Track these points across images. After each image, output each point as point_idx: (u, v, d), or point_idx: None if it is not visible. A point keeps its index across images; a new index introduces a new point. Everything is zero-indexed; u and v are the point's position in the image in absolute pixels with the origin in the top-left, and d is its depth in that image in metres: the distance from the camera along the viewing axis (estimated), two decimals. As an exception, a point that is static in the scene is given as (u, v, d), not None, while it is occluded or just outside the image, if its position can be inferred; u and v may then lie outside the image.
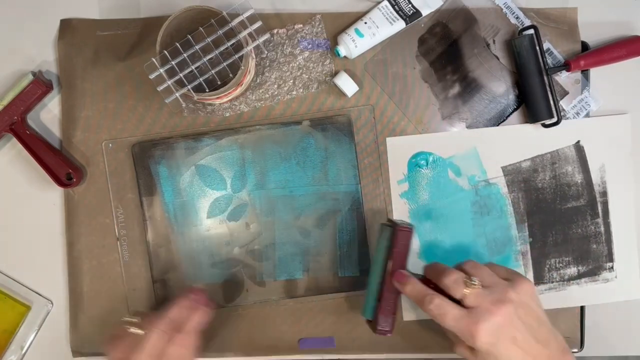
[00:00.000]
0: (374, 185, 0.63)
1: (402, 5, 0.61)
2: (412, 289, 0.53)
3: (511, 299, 0.49)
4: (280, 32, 0.63)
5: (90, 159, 0.64)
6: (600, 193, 0.63)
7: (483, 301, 0.49)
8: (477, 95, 0.63)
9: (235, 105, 0.63)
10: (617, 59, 0.61)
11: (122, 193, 0.63)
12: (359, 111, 0.63)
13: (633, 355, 0.65)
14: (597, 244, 0.63)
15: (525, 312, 0.50)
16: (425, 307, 0.51)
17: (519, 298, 0.50)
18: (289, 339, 0.63)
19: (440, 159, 0.63)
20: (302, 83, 0.63)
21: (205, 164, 0.63)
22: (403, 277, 0.54)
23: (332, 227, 0.62)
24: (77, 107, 0.63)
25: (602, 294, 0.63)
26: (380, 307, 0.55)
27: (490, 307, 0.49)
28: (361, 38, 0.60)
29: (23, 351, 0.65)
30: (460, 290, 0.51)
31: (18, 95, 0.61)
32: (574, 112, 0.63)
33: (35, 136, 0.62)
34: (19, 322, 0.65)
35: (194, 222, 0.63)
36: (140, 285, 0.64)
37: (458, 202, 0.63)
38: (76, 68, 0.63)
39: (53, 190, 0.64)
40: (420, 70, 0.63)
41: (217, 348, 0.64)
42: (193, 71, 0.56)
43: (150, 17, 0.63)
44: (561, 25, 0.63)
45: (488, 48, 0.63)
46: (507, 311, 0.48)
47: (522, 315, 0.49)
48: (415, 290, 0.53)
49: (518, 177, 0.63)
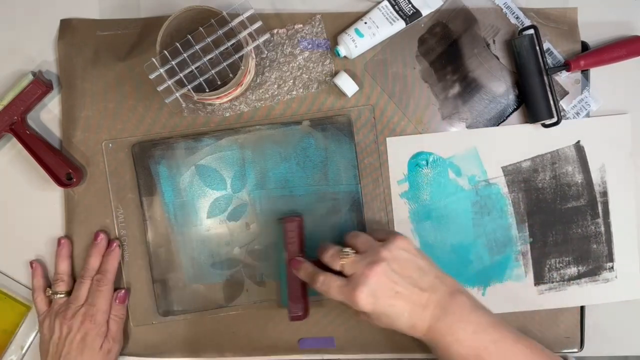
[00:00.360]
0: (374, 185, 0.63)
1: (402, 5, 0.61)
2: (304, 273, 0.56)
3: (383, 257, 0.51)
4: (280, 32, 0.63)
5: (90, 159, 0.64)
6: (601, 193, 0.63)
7: (358, 267, 0.51)
8: (477, 95, 0.63)
9: (235, 105, 0.63)
10: (617, 59, 0.61)
11: (122, 193, 0.63)
12: (359, 111, 0.63)
13: (633, 355, 0.65)
14: (598, 244, 0.63)
15: (402, 266, 0.51)
16: (315, 286, 0.54)
17: (391, 254, 0.51)
18: (288, 338, 0.63)
19: (441, 159, 0.63)
20: (302, 83, 0.63)
21: (205, 164, 0.63)
22: (296, 263, 0.57)
23: (332, 227, 0.62)
24: (77, 107, 0.63)
25: (602, 294, 0.63)
26: (289, 294, 0.58)
27: (364, 271, 0.51)
28: (361, 38, 0.60)
29: (23, 351, 0.65)
30: (337, 262, 0.53)
31: (18, 95, 0.61)
32: (574, 112, 0.63)
33: (35, 136, 0.62)
34: (19, 322, 0.65)
35: (194, 222, 0.63)
36: (140, 285, 0.64)
37: (458, 202, 0.63)
38: (76, 68, 0.63)
39: (53, 190, 0.64)
40: (420, 70, 0.63)
41: (217, 348, 0.64)
42: (193, 71, 0.56)
43: (150, 17, 0.63)
44: (561, 25, 0.63)
45: (488, 48, 0.63)
46: (380, 270, 0.50)
47: (399, 270, 0.51)
48: (307, 272, 0.56)
49: (518, 177, 0.63)
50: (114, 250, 0.62)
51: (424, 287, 0.51)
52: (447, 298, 0.51)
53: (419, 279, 0.51)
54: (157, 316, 0.63)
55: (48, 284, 0.63)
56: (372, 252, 0.52)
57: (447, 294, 0.51)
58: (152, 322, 0.64)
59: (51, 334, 0.59)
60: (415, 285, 0.51)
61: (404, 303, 0.50)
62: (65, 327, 0.59)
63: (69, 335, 0.58)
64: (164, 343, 0.64)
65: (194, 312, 0.63)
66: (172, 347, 0.64)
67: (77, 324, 0.59)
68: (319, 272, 0.54)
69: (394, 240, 0.53)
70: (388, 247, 0.52)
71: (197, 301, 0.63)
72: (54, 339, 0.59)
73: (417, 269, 0.52)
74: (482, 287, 0.63)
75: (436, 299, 0.51)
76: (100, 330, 0.59)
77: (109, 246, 0.63)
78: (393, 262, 0.51)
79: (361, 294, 0.50)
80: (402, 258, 0.52)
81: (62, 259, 0.63)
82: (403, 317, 0.51)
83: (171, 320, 0.64)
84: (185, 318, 0.64)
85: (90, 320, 0.59)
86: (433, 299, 0.51)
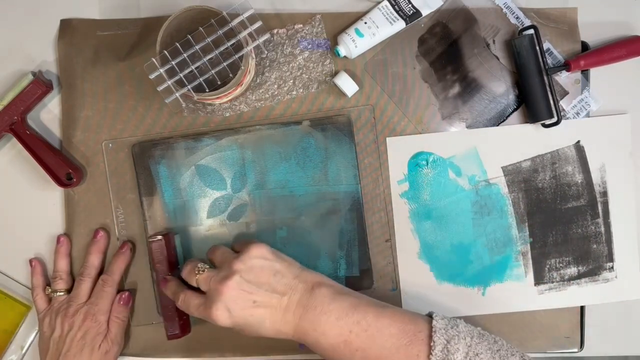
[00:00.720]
0: (374, 185, 0.63)
1: (402, 5, 0.61)
2: (170, 292, 0.57)
3: (236, 269, 0.51)
4: (280, 32, 0.63)
5: (90, 159, 0.64)
6: (601, 193, 0.63)
7: (212, 282, 0.51)
8: (477, 95, 0.63)
9: (235, 105, 0.63)
10: (617, 59, 0.61)
11: (122, 193, 0.63)
12: (359, 111, 0.63)
13: (633, 355, 0.65)
14: (598, 244, 0.63)
15: (256, 274, 0.51)
16: (178, 305, 0.55)
17: (245, 265, 0.51)
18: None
19: (441, 159, 0.63)
20: (302, 83, 0.63)
21: (205, 164, 0.63)
22: (163, 282, 0.58)
23: (332, 227, 0.62)
24: (77, 107, 0.63)
25: (602, 294, 0.63)
26: (163, 314, 0.59)
27: (217, 287, 0.51)
28: (361, 38, 0.60)
29: (23, 351, 0.65)
30: (193, 278, 0.53)
31: (18, 95, 0.61)
32: (574, 112, 0.63)
33: (35, 136, 0.62)
34: (19, 322, 0.65)
35: (194, 222, 0.63)
36: (140, 285, 0.64)
37: (458, 202, 0.63)
38: (76, 68, 0.63)
39: (53, 190, 0.64)
40: (420, 70, 0.63)
41: (217, 348, 0.64)
42: (193, 71, 0.56)
43: (150, 17, 0.63)
44: (561, 25, 0.63)
45: (488, 48, 0.63)
46: (232, 283, 0.50)
47: (253, 279, 0.51)
48: (171, 291, 0.56)
49: (518, 177, 0.63)
50: (124, 253, 0.62)
51: (282, 291, 0.51)
52: (307, 295, 0.51)
53: (276, 284, 0.51)
54: (157, 316, 0.63)
55: (47, 283, 0.63)
56: (226, 265, 0.52)
57: (306, 291, 0.51)
58: (152, 322, 0.64)
59: (52, 331, 0.59)
60: (273, 291, 0.51)
61: (263, 310, 0.50)
62: (67, 325, 0.59)
63: (70, 333, 0.58)
64: (164, 343, 0.64)
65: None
66: (172, 347, 0.64)
67: (78, 322, 0.59)
68: (180, 290, 0.55)
69: (248, 250, 0.52)
70: (241, 259, 0.52)
71: (197, 301, 0.63)
72: (55, 336, 0.59)
73: (274, 274, 0.52)
74: (482, 287, 0.63)
75: (296, 298, 0.51)
76: (100, 329, 0.59)
77: (121, 248, 0.63)
78: (247, 273, 0.51)
79: (216, 311, 0.50)
80: (256, 266, 0.51)
81: (61, 256, 0.63)
82: (265, 325, 0.51)
83: (171, 320, 0.64)
84: (185, 318, 0.64)
85: (91, 318, 0.59)
86: (293, 300, 0.51)
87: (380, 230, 0.63)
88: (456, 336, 0.47)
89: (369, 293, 0.63)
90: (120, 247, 0.63)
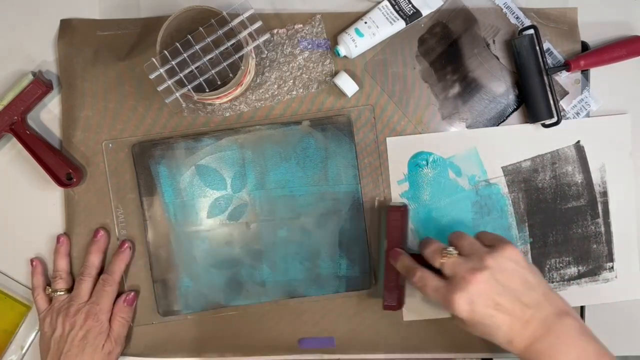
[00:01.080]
0: (374, 185, 0.63)
1: (402, 5, 0.61)
2: (401, 265, 0.56)
3: (488, 265, 0.49)
4: (280, 32, 0.63)
5: (90, 159, 0.64)
6: (601, 193, 0.63)
7: (459, 270, 0.50)
8: (477, 95, 0.63)
9: (235, 105, 0.63)
10: (617, 59, 0.61)
11: (122, 193, 0.63)
12: (359, 111, 0.63)
13: (633, 355, 0.65)
14: (598, 244, 0.63)
15: (507, 277, 0.49)
16: (410, 280, 0.53)
17: (497, 263, 0.49)
18: (288, 338, 0.63)
19: (441, 159, 0.63)
20: (302, 83, 0.63)
21: (206, 164, 0.63)
22: (395, 254, 0.57)
23: (332, 227, 0.62)
24: (77, 107, 0.63)
25: (602, 294, 0.63)
26: (385, 284, 0.58)
27: (465, 275, 0.49)
28: (361, 38, 0.60)
29: (23, 351, 0.65)
30: (438, 259, 0.52)
31: (18, 95, 0.61)
32: (574, 112, 0.63)
33: (35, 136, 0.62)
34: (19, 322, 0.65)
35: (194, 222, 0.63)
36: (140, 285, 0.64)
37: (458, 202, 0.63)
38: (76, 68, 0.63)
39: (53, 190, 0.64)
40: (420, 70, 0.63)
41: (217, 348, 0.64)
42: (193, 71, 0.56)
43: (150, 17, 0.63)
44: (561, 25, 0.63)
45: (488, 48, 0.63)
46: (482, 278, 0.48)
47: (503, 280, 0.49)
48: (404, 265, 0.55)
49: (518, 177, 0.63)
50: (124, 252, 0.62)
51: (528, 303, 0.48)
52: (553, 319, 0.48)
53: (524, 294, 0.49)
54: (157, 316, 0.63)
55: (48, 283, 0.63)
56: (477, 257, 0.50)
57: (553, 315, 0.48)
58: (152, 322, 0.64)
59: (53, 331, 0.59)
60: (519, 300, 0.48)
61: (504, 316, 0.48)
62: (68, 324, 0.59)
63: (71, 332, 0.58)
64: (164, 343, 0.64)
65: (194, 312, 0.63)
66: (172, 347, 0.64)
67: (80, 321, 0.59)
68: (416, 267, 0.53)
69: (503, 249, 0.50)
70: (494, 256, 0.49)
71: (197, 301, 0.63)
72: (56, 336, 0.59)
73: (524, 283, 0.49)
74: (482, 287, 0.63)
75: (540, 317, 0.48)
76: (102, 329, 0.59)
77: (120, 247, 0.63)
78: (498, 272, 0.48)
79: (459, 299, 0.48)
80: (508, 269, 0.49)
81: (61, 256, 0.63)
82: (501, 331, 0.48)
83: (171, 320, 0.64)
84: (185, 318, 0.64)
85: (93, 318, 0.59)
86: (537, 317, 0.48)
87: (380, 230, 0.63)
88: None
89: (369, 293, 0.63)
90: (120, 246, 0.63)
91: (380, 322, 0.63)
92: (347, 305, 0.63)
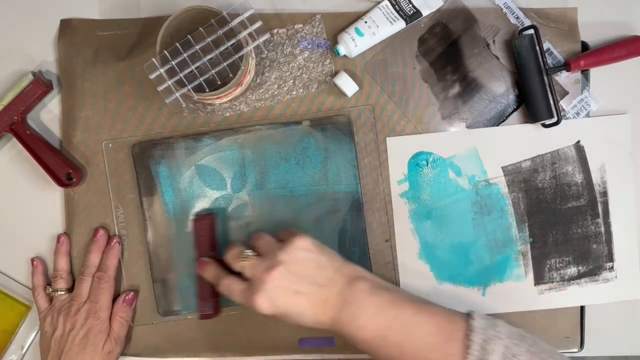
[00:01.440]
0: (374, 185, 0.63)
1: (403, 5, 0.61)
2: (209, 274, 0.57)
3: (281, 260, 0.51)
4: (280, 32, 0.63)
5: (90, 159, 0.64)
6: (601, 193, 0.63)
7: (256, 271, 0.52)
8: (477, 95, 0.63)
9: (235, 105, 0.63)
10: (617, 59, 0.61)
11: (122, 193, 0.63)
12: (359, 111, 0.63)
13: (633, 355, 0.65)
14: (598, 244, 0.63)
15: (300, 266, 0.51)
16: (219, 289, 0.55)
17: (289, 257, 0.51)
18: (288, 339, 0.63)
19: (441, 159, 0.63)
20: (302, 83, 0.63)
21: (205, 164, 0.63)
22: (202, 264, 0.58)
23: (332, 227, 0.62)
24: (77, 107, 0.63)
25: (602, 294, 0.63)
26: (198, 293, 0.60)
27: (262, 276, 0.51)
28: (361, 37, 0.60)
29: (23, 351, 0.65)
30: (237, 263, 0.54)
31: (18, 95, 0.61)
32: (574, 112, 0.63)
33: (35, 136, 0.62)
34: (19, 322, 0.65)
35: (194, 222, 0.63)
36: (140, 285, 0.64)
37: (458, 202, 0.63)
38: (76, 68, 0.63)
39: (53, 190, 0.64)
40: (420, 70, 0.63)
41: (217, 348, 0.64)
42: (193, 71, 0.56)
43: (150, 17, 0.63)
44: (561, 25, 0.63)
45: (488, 48, 0.63)
46: (277, 274, 0.50)
47: (297, 270, 0.51)
48: (211, 274, 0.57)
49: (518, 177, 0.63)
50: (113, 247, 0.63)
51: (322, 283, 0.51)
52: (346, 288, 0.51)
53: (318, 276, 0.52)
54: (157, 316, 0.63)
55: (48, 282, 0.64)
56: (271, 254, 0.52)
57: (345, 284, 0.51)
58: (152, 322, 0.64)
59: (53, 330, 0.59)
60: (315, 283, 0.51)
61: (305, 301, 0.51)
62: (69, 324, 0.59)
63: (72, 332, 0.58)
64: (164, 343, 0.64)
65: (194, 312, 0.63)
66: (172, 347, 0.64)
67: (81, 320, 0.59)
68: (223, 274, 0.55)
69: (293, 241, 0.52)
70: (286, 250, 0.52)
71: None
72: (56, 336, 0.59)
73: (317, 266, 0.52)
74: (482, 287, 0.63)
75: (335, 291, 0.51)
76: (103, 327, 0.59)
77: (109, 243, 0.63)
78: (291, 264, 0.51)
79: (258, 300, 0.50)
80: (300, 258, 0.52)
81: (61, 255, 0.63)
82: (306, 315, 0.51)
83: (171, 320, 0.64)
84: (185, 318, 0.64)
85: (93, 317, 0.59)
86: (333, 292, 0.51)
87: (380, 230, 0.63)
88: (494, 336, 0.47)
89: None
90: (108, 242, 0.63)
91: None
92: None
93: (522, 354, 0.46)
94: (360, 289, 0.51)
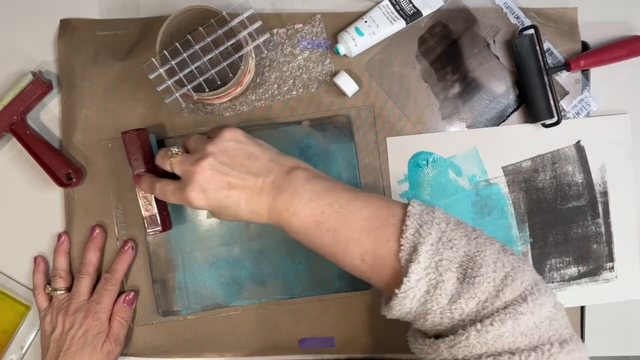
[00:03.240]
0: (374, 185, 0.63)
1: (403, 5, 0.61)
2: (145, 185, 0.56)
3: (209, 152, 0.50)
4: (280, 32, 0.63)
5: (90, 159, 0.64)
6: (601, 193, 0.63)
7: (185, 164, 0.51)
8: (477, 95, 0.63)
9: (235, 105, 0.63)
10: (617, 59, 0.61)
11: (122, 193, 0.63)
12: (359, 111, 0.63)
13: (633, 356, 0.65)
14: (598, 244, 0.63)
15: (230, 157, 0.50)
16: (155, 195, 0.55)
17: (218, 148, 0.50)
18: (289, 339, 0.63)
19: (441, 159, 0.63)
20: (302, 83, 0.63)
21: (205, 164, 0.63)
22: (136, 178, 0.57)
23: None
24: (77, 107, 0.63)
25: (602, 294, 0.63)
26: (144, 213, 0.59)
27: (191, 168, 0.50)
28: (361, 37, 0.60)
29: (23, 351, 0.65)
30: (167, 162, 0.53)
31: (18, 95, 0.61)
32: (574, 112, 0.63)
33: (35, 136, 0.62)
34: (19, 322, 0.65)
35: (193, 222, 0.63)
36: (140, 285, 0.64)
37: (459, 202, 0.63)
38: (76, 68, 0.63)
39: (53, 190, 0.64)
40: (420, 70, 0.63)
41: (217, 348, 0.64)
42: (193, 71, 0.56)
43: (150, 17, 0.63)
44: (561, 25, 0.63)
45: (488, 48, 0.63)
46: (206, 165, 0.49)
47: (227, 161, 0.50)
48: (146, 184, 0.56)
49: (518, 177, 0.63)
50: (126, 252, 0.62)
51: (256, 172, 0.50)
52: (282, 177, 0.50)
53: (251, 166, 0.50)
54: (157, 316, 0.63)
55: (48, 282, 0.64)
56: (200, 149, 0.51)
57: (282, 173, 0.50)
58: (152, 322, 0.64)
59: (52, 329, 0.59)
60: (247, 173, 0.50)
61: (238, 191, 0.49)
62: (68, 322, 0.59)
63: (71, 331, 0.58)
64: (164, 343, 0.64)
65: (194, 312, 0.63)
66: (172, 347, 0.64)
67: (79, 319, 0.59)
68: (156, 180, 0.54)
69: (221, 134, 0.51)
70: (214, 142, 0.51)
71: (197, 301, 0.63)
72: (55, 335, 0.59)
73: (249, 157, 0.51)
74: (482, 287, 0.63)
75: (270, 180, 0.50)
76: (102, 328, 0.59)
77: (123, 246, 0.63)
78: (220, 155, 0.50)
79: (191, 192, 0.49)
80: (230, 148, 0.51)
81: (60, 254, 0.63)
82: (240, 206, 0.50)
83: (171, 320, 0.64)
84: (185, 318, 0.64)
85: (93, 316, 0.59)
86: (268, 182, 0.50)
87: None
88: (430, 221, 0.46)
89: (369, 293, 0.63)
90: (123, 246, 0.63)
91: (380, 323, 0.63)
92: (347, 305, 0.63)
93: (458, 238, 0.45)
94: (296, 177, 0.49)
